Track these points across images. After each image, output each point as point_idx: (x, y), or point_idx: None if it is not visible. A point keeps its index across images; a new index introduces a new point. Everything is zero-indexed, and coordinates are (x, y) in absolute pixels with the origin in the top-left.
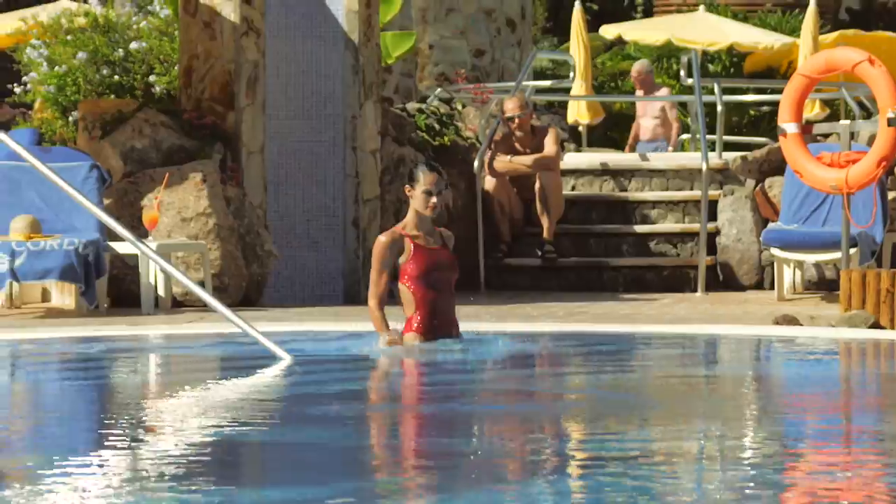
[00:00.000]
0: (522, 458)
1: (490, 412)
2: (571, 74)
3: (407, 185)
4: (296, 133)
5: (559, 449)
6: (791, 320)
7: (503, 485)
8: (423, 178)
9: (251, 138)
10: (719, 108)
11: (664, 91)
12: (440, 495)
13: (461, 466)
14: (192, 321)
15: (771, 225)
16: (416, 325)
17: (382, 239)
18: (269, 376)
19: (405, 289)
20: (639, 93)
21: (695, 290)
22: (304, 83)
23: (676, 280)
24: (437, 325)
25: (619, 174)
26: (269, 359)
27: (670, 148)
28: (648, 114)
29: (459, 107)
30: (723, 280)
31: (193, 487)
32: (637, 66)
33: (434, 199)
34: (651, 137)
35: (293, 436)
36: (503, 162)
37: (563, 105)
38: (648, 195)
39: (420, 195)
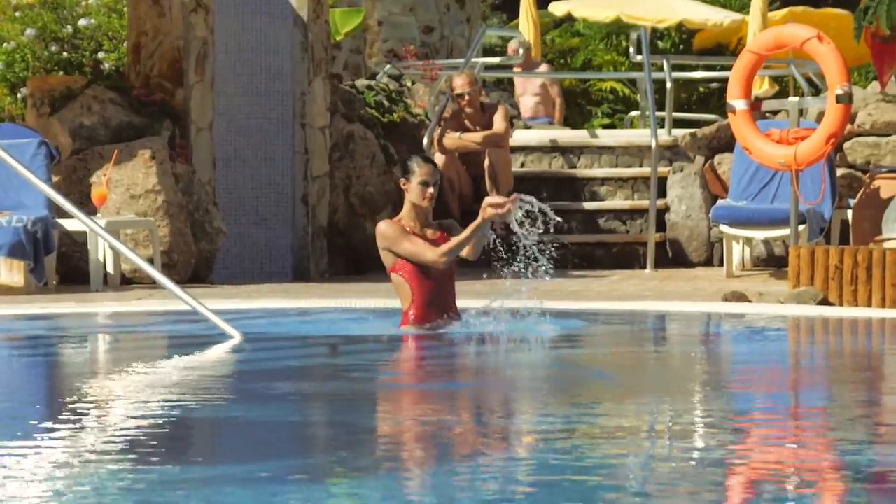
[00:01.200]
0: (474, 434)
1: (440, 390)
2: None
3: (402, 179)
4: (245, 110)
5: (508, 426)
6: (740, 297)
7: (450, 460)
8: (419, 169)
9: (200, 115)
10: (668, 84)
11: (544, 67)
12: (387, 471)
13: (408, 442)
14: (141, 298)
15: (720, 202)
16: (412, 316)
17: (383, 224)
18: (217, 354)
19: (401, 280)
20: (517, 69)
21: (644, 267)
22: (252, 60)
23: (625, 257)
24: (434, 312)
25: (568, 151)
26: (218, 336)
27: (556, 125)
28: (528, 91)
29: (409, 83)
30: (672, 257)
31: (141, 465)
32: (512, 44)
33: (431, 190)
34: (532, 115)
35: (241, 413)
36: (452, 139)
37: (512, 82)
38: (597, 172)
39: (416, 187)
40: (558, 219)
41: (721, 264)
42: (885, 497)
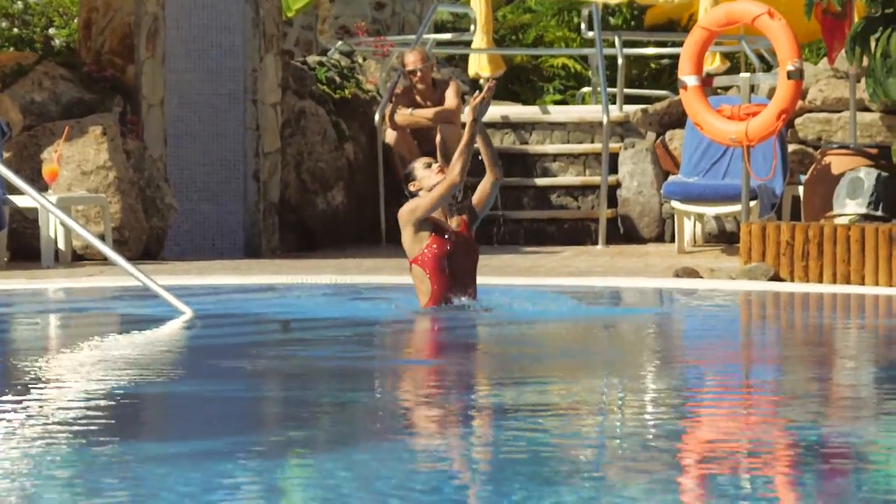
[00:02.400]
0: (426, 409)
1: (391, 366)
2: (472, 27)
3: (410, 185)
4: (196, 86)
5: (465, 401)
6: (691, 273)
7: (401, 436)
8: (417, 163)
9: (151, 91)
10: (620, 61)
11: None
12: (340, 447)
13: (359, 418)
14: (92, 275)
15: (671, 178)
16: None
17: (404, 205)
18: (169, 330)
19: (421, 273)
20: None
21: (595, 243)
22: (204, 36)
23: (577, 233)
24: (451, 296)
25: (519, 127)
26: (169, 312)
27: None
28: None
29: (360, 60)
30: (623, 233)
31: (90, 443)
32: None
33: (436, 165)
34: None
35: (192, 389)
36: (404, 115)
37: (464, 58)
38: (549, 148)
39: (425, 173)
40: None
41: (672, 240)
42: (834, 471)
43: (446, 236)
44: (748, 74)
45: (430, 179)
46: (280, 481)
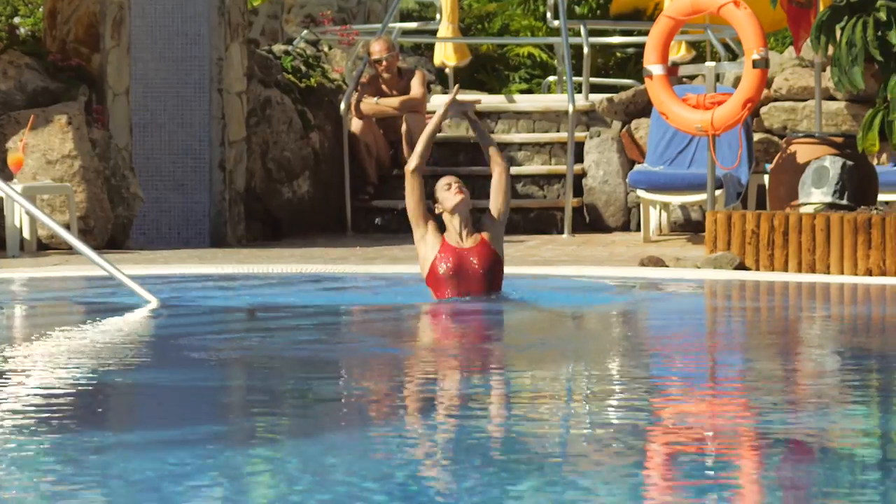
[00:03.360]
0: (389, 400)
1: (353, 355)
2: (438, 16)
3: (435, 207)
4: (161, 75)
5: (429, 391)
6: (657, 262)
7: (364, 427)
8: (440, 182)
9: (117, 80)
10: (586, 50)
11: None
12: (306, 437)
13: (322, 407)
14: (57, 264)
15: (637, 167)
16: None
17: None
18: (134, 319)
19: (430, 292)
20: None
21: (561, 232)
22: (169, 25)
23: (543, 222)
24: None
25: (485, 116)
26: (135, 302)
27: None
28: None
29: (326, 49)
30: (589, 222)
31: (55, 430)
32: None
33: (454, 186)
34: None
35: (157, 378)
36: (370, 104)
37: (430, 47)
38: (515, 137)
39: (443, 195)
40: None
41: (638, 229)
42: (798, 458)
43: (448, 260)
44: (714, 63)
45: (449, 201)
46: (244, 469)
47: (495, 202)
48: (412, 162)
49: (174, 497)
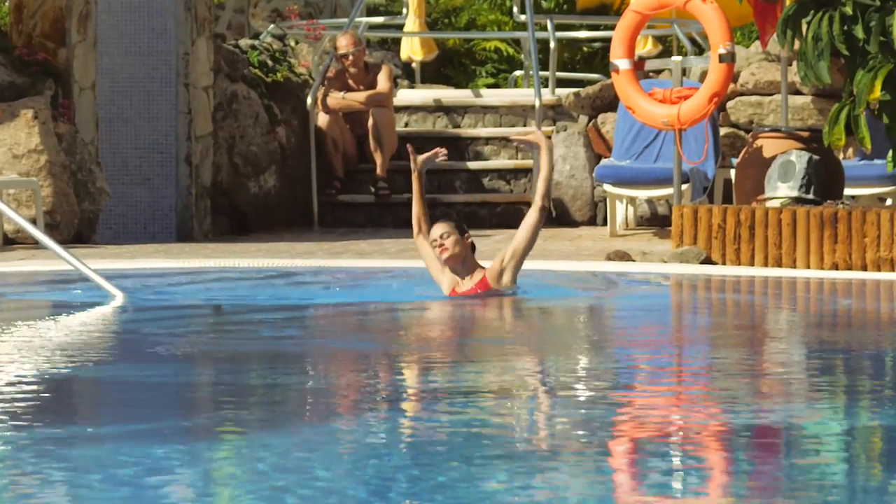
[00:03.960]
0: (352, 392)
1: (318, 348)
2: (404, 11)
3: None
4: (128, 69)
5: (389, 385)
6: (623, 256)
7: (327, 420)
8: (431, 240)
9: (83, 75)
10: (552, 44)
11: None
12: (268, 430)
13: (285, 401)
14: (23, 258)
15: (604, 161)
16: None
17: None
18: (100, 314)
19: None
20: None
21: None
22: (136, 19)
23: (510, 216)
24: None
25: (452, 111)
26: (101, 296)
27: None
28: None
29: (292, 43)
30: (556, 216)
31: (21, 424)
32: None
33: (437, 242)
34: None
35: (123, 373)
36: (336, 98)
37: (397, 41)
38: (482, 131)
39: (434, 251)
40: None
41: (605, 223)
42: (764, 452)
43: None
44: (680, 58)
45: (440, 257)
46: (208, 463)
47: (519, 238)
48: (414, 229)
49: (140, 491)
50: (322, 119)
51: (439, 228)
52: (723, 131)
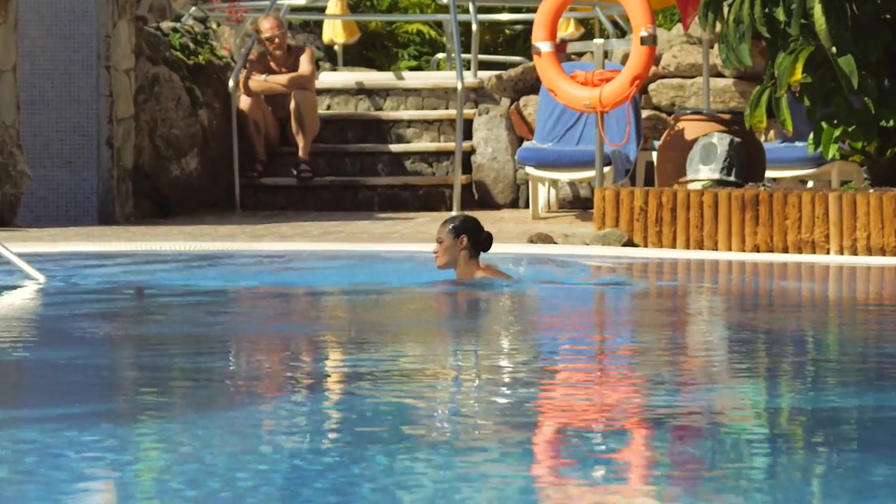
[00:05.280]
0: (276, 376)
1: (241, 332)
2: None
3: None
4: (49, 52)
5: (315, 369)
6: (545, 238)
7: (253, 402)
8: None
9: (3, 57)
10: (474, 27)
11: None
12: (194, 413)
13: (208, 385)
14: None
15: (526, 144)
16: None
17: None
18: (22, 297)
19: None
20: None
21: (450, 209)
22: (57, 2)
23: (432, 199)
24: None
25: (374, 93)
26: (22, 279)
27: None
28: None
29: (214, 26)
30: (478, 199)
31: None
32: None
33: (434, 248)
34: None
35: (44, 356)
36: (258, 81)
37: (319, 24)
38: (404, 114)
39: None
40: None
41: (527, 206)
42: (685, 436)
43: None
44: (602, 40)
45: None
46: (131, 447)
47: None
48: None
49: (60, 474)
50: (244, 102)
51: (437, 233)
52: (645, 114)
